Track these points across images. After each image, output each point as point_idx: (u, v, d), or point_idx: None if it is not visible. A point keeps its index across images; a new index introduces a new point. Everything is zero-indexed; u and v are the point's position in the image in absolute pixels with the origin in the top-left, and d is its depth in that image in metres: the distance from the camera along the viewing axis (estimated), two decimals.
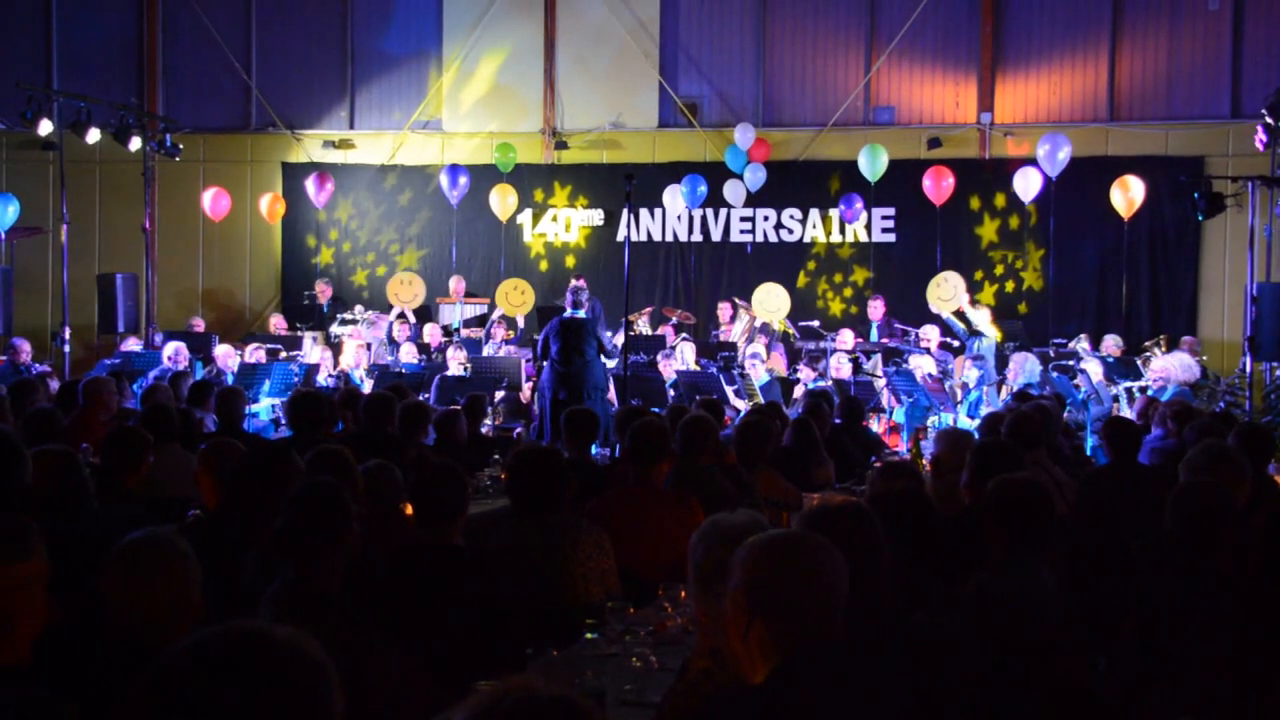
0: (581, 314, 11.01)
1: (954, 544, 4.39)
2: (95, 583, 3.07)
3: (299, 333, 14.89)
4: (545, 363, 11.03)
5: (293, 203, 16.88)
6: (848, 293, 16.10)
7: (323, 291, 16.11)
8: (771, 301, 14.52)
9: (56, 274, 15.16)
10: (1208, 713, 3.67)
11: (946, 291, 13.77)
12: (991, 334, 12.85)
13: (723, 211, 16.29)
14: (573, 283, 11.96)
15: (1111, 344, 13.30)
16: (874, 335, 14.48)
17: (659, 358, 12.43)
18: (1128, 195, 14.31)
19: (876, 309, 14.66)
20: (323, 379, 12.58)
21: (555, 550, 4.41)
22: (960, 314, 13.33)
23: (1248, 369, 12.00)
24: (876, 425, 11.62)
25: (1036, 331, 14.70)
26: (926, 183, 14.89)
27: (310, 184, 16.36)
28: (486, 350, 13.40)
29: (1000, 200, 15.56)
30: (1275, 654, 3.69)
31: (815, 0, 16.21)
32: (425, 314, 15.28)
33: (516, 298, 14.79)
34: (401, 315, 14.80)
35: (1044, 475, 5.49)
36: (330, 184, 16.53)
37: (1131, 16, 15.49)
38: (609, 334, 11.80)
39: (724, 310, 14.98)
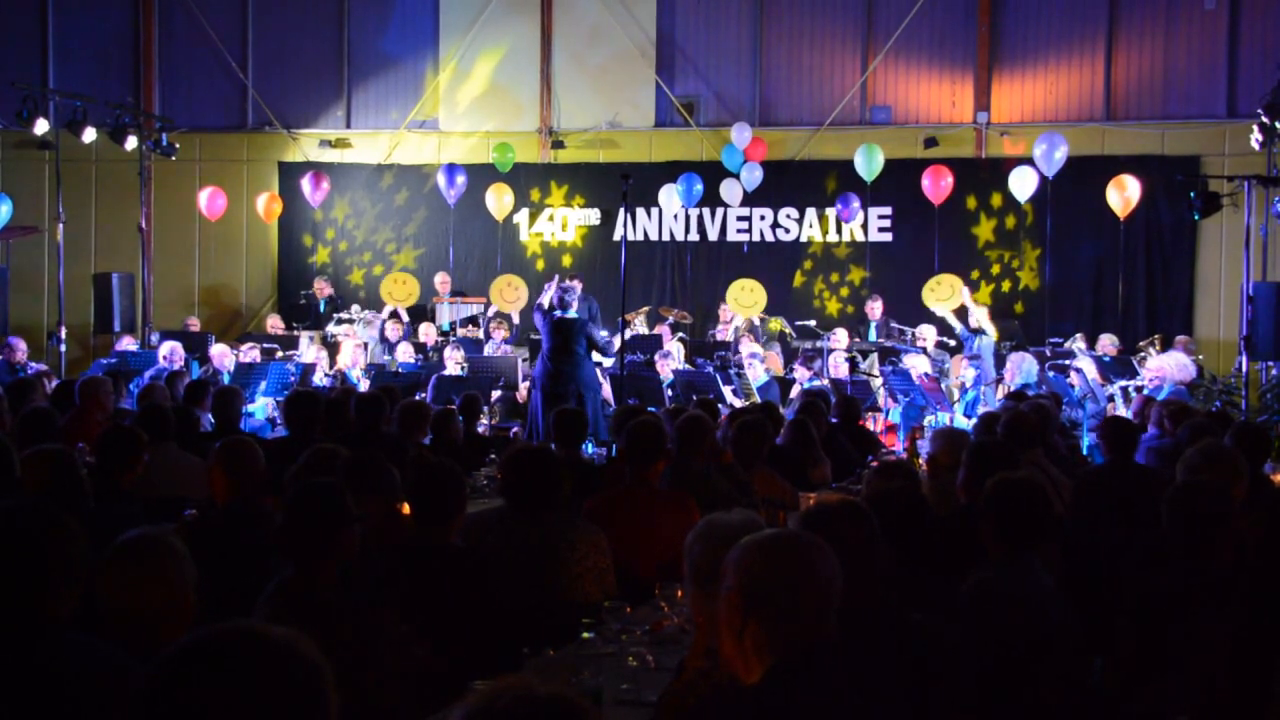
0: (572, 314, 11.08)
1: (950, 543, 4.39)
2: (90, 582, 3.07)
3: (295, 332, 14.88)
4: (538, 361, 11.16)
5: (289, 202, 16.87)
6: (844, 292, 16.11)
7: (320, 289, 16.10)
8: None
9: (52, 273, 15.14)
10: (1206, 713, 3.68)
11: (943, 293, 13.76)
12: (990, 331, 12.86)
13: (719, 211, 16.29)
14: (565, 282, 11.92)
15: (1108, 343, 13.30)
16: (872, 335, 14.50)
17: (656, 357, 12.43)
18: (1124, 195, 14.31)
19: (875, 309, 14.68)
20: (319, 379, 12.57)
21: (552, 550, 4.40)
22: (962, 311, 13.27)
23: (1244, 368, 12.01)
24: (873, 425, 11.63)
25: (1033, 331, 14.71)
26: (925, 182, 14.90)
27: (305, 183, 16.35)
28: (487, 350, 13.41)
29: (997, 200, 15.56)
30: (1273, 653, 3.69)
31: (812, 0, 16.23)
32: (421, 313, 15.27)
33: (510, 294, 14.78)
34: (395, 314, 14.79)
35: (1040, 474, 5.49)
36: (326, 183, 16.52)
37: (1128, 16, 15.50)
38: (605, 333, 11.79)
39: (724, 310, 15.00)
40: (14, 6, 17.76)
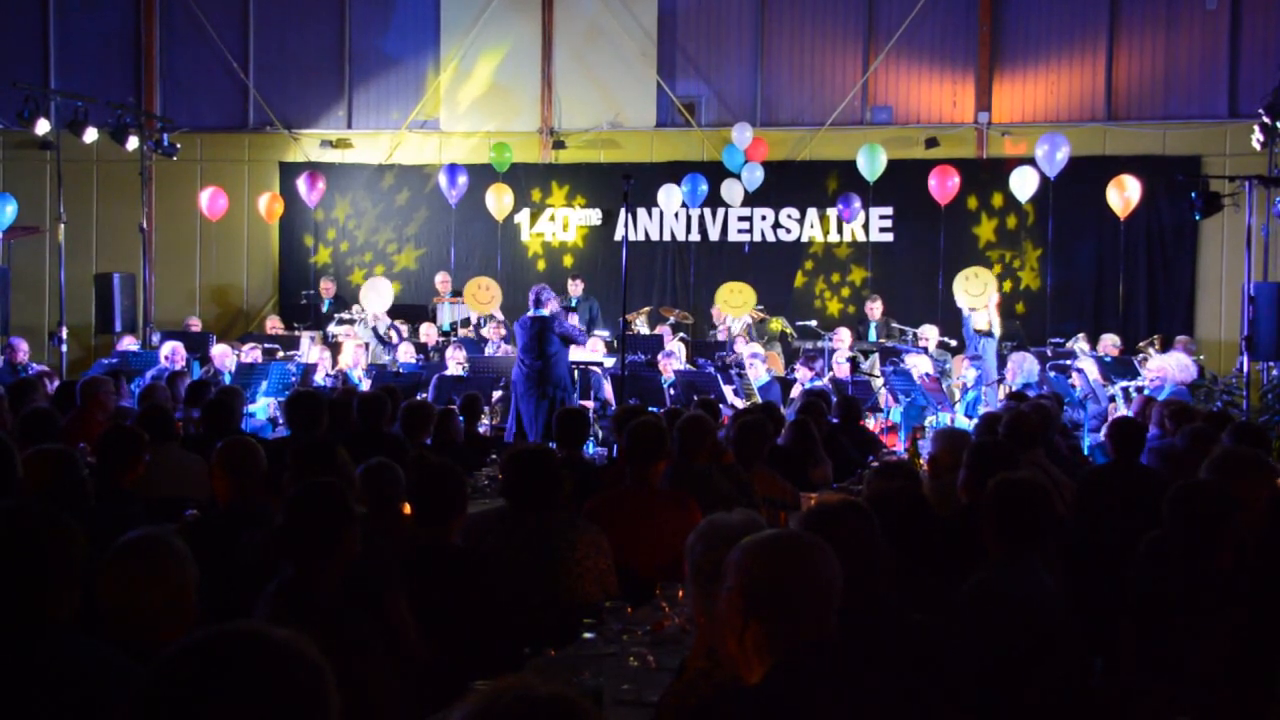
0: (545, 312, 11.05)
1: (951, 544, 4.39)
2: (90, 582, 3.07)
3: (296, 332, 14.87)
4: (516, 362, 11.19)
5: (290, 202, 16.87)
6: (845, 292, 16.11)
7: (326, 289, 16.08)
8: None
9: (53, 273, 15.13)
10: (1206, 712, 3.67)
11: (976, 287, 13.68)
12: (996, 333, 12.86)
13: (720, 211, 16.29)
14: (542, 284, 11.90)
15: (1109, 343, 13.30)
16: (872, 335, 14.49)
17: (660, 357, 12.44)
18: (1125, 195, 14.30)
19: (875, 309, 14.68)
20: (320, 379, 12.57)
21: (552, 550, 4.40)
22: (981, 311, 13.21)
23: (1244, 368, 12.01)
24: (874, 425, 11.63)
25: (1034, 331, 14.71)
26: (932, 182, 14.87)
27: (301, 183, 16.35)
28: (488, 351, 13.41)
29: (998, 200, 15.55)
30: (1273, 653, 3.69)
31: None
32: (422, 314, 15.26)
33: (484, 295, 14.69)
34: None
35: (1041, 475, 5.48)
36: (322, 183, 16.52)
37: (1129, 16, 15.49)
38: (576, 324, 11.68)
39: (716, 312, 14.97)
40: (15, 6, 17.76)
